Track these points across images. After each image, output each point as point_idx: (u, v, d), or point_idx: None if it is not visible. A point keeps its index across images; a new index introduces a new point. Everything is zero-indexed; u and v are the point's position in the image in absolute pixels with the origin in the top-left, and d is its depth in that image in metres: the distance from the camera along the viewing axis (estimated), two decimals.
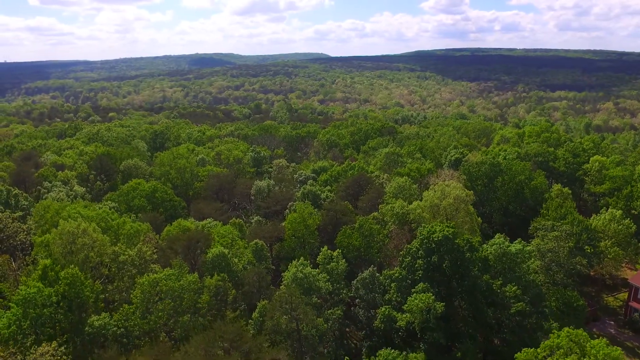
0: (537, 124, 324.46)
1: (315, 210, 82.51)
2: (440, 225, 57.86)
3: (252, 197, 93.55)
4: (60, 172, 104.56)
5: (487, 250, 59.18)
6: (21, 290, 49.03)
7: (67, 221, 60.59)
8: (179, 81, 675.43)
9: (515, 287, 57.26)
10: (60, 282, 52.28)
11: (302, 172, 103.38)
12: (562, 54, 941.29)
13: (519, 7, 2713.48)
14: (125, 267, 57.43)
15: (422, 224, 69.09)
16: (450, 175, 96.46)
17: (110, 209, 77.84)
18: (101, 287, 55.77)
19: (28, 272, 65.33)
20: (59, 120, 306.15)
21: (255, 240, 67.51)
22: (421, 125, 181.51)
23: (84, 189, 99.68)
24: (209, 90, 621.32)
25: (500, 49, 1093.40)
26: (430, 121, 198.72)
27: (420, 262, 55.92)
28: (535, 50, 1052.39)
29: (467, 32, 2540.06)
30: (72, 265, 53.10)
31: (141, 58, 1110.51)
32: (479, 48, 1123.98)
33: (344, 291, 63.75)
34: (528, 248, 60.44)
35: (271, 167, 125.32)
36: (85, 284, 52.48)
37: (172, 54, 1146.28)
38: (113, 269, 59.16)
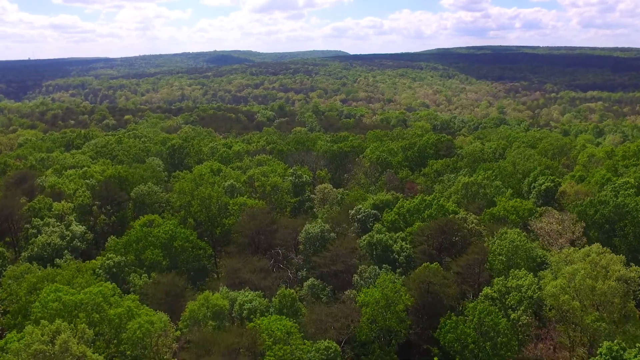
0: (584, 129, 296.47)
1: (393, 274, 59.70)
2: None
3: (301, 247, 71.07)
4: (56, 202, 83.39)
5: None
6: None
7: (39, 323, 38.70)
8: (197, 79, 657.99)
9: None
10: None
11: (360, 208, 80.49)
12: (588, 52, 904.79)
13: (541, 3, 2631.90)
14: None
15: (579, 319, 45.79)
16: (559, 219, 72.60)
17: (110, 279, 56.14)
18: None
19: None
20: (73, 122, 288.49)
21: (325, 344, 44.79)
22: (479, 137, 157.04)
23: (83, 228, 78.29)
24: (228, 88, 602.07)
25: (522, 47, 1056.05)
26: (487, 132, 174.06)
27: None
28: (559, 48, 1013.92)
29: (487, 29, 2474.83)
30: None
31: (160, 55, 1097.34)
32: (500, 46, 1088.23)
33: None
34: None
35: (314, 194, 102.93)
36: None
37: (191, 51, 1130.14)
38: None
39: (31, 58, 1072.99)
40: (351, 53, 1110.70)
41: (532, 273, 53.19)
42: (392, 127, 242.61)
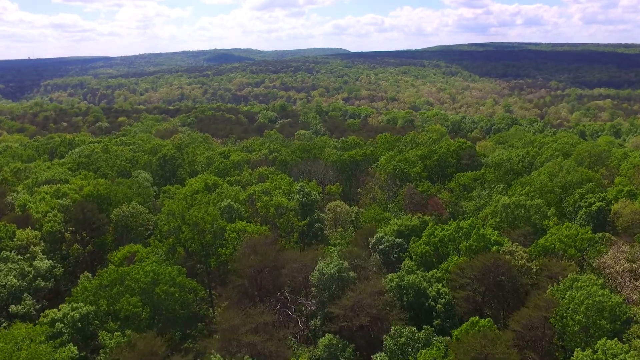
0: (599, 129, 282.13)
1: (437, 337, 46.55)
2: None
3: (314, 289, 57.84)
4: (20, 230, 70.25)
5: None
6: None
7: None
8: (197, 77, 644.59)
9: None
10: None
11: (381, 237, 67.32)
12: (592, 48, 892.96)
13: (543, 0, 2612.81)
14: None
15: None
16: (630, 254, 59.29)
17: (76, 335, 43.00)
18: None
19: None
20: (65, 124, 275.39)
21: None
22: (500, 142, 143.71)
23: (50, 263, 65.12)
24: (228, 87, 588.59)
25: (525, 43, 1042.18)
26: (506, 135, 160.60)
27: None
28: (562, 44, 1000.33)
29: (489, 26, 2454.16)
30: None
31: (160, 54, 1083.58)
32: (502, 43, 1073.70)
33: None
34: None
35: (324, 213, 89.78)
36: None
37: (191, 50, 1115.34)
38: None
39: (31, 57, 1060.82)
40: (352, 50, 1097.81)
41: (626, 344, 39.96)
42: (400, 129, 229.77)
